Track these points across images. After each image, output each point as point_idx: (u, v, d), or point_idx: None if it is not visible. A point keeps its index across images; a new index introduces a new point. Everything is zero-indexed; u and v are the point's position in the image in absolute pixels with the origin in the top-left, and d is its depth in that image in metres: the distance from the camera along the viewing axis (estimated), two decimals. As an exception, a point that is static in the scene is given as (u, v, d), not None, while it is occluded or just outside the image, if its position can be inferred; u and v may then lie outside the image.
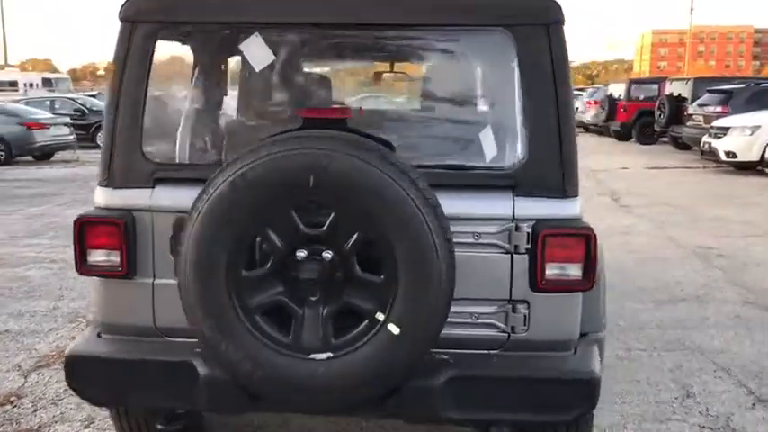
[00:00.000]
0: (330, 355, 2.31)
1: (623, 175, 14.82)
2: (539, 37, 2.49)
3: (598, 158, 17.38)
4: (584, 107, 27.15)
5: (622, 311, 5.55)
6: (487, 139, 2.66)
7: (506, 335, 2.58)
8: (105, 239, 2.60)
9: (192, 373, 2.49)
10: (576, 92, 36.84)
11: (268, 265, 2.33)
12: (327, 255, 2.29)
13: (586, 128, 26.97)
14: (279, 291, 2.34)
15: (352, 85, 3.00)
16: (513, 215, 2.51)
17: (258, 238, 2.35)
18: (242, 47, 2.64)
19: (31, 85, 37.83)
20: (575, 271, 2.52)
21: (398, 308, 2.27)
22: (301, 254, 2.29)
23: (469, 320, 2.57)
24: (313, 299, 2.33)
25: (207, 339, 2.34)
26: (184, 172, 2.65)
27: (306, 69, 3.05)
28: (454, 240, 2.42)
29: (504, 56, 2.56)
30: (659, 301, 5.91)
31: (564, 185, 2.54)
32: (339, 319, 2.35)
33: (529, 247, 2.50)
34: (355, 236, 2.29)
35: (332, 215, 2.28)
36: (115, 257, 2.60)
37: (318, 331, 2.33)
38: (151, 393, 2.59)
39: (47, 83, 39.06)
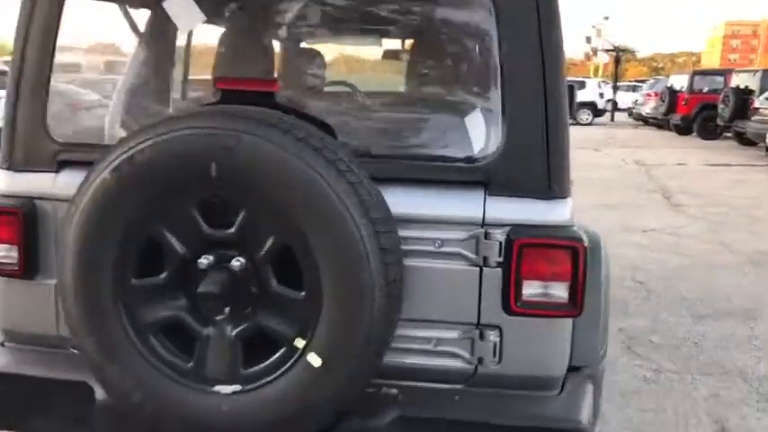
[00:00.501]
0: (238, 388, 1.85)
1: (679, 171, 13.90)
2: (523, 3, 1.97)
3: (654, 152, 16.48)
4: (644, 99, 25.99)
5: (656, 325, 4.94)
6: (455, 125, 2.14)
7: (472, 367, 2.07)
8: (2, 232, 2.19)
9: (89, 396, 2.07)
10: (636, 83, 35.69)
11: (164, 274, 1.88)
12: (236, 263, 1.83)
13: (645, 120, 25.82)
14: (178, 305, 1.89)
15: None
16: (484, 218, 2.00)
17: (153, 239, 1.89)
18: (165, 4, 2.18)
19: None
20: (559, 292, 1.99)
21: (321, 333, 1.79)
22: (204, 261, 1.83)
23: (428, 347, 2.07)
24: (219, 317, 1.87)
25: (90, 360, 1.91)
26: (95, 154, 2.21)
27: (252, 37, 2.57)
28: (411, 248, 1.94)
29: (481, 25, 2.04)
30: (701, 314, 5.25)
31: (549, 183, 2.01)
32: (251, 345, 1.89)
33: (501, 259, 1.99)
34: (270, 241, 1.82)
35: (241, 214, 1.81)
36: (13, 254, 2.20)
37: (225, 358, 1.87)
38: (45, 418, 2.18)
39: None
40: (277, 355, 1.85)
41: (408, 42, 2.41)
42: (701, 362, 4.35)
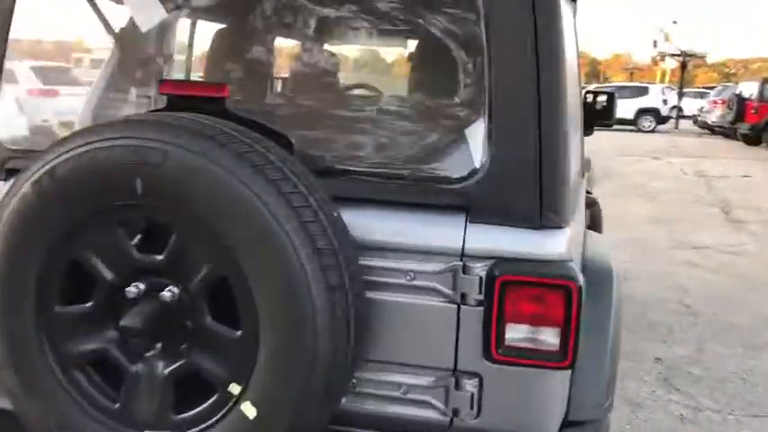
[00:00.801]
0: None
1: (743, 184, 13.15)
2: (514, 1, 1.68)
3: (717, 163, 15.69)
4: (710, 106, 24.91)
5: (700, 355, 4.52)
6: (434, 141, 1.87)
7: (447, 419, 1.79)
8: None
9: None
10: (705, 90, 34.12)
11: (91, 302, 1.66)
12: (168, 294, 1.59)
13: (711, 129, 24.72)
14: (106, 338, 1.67)
15: (273, 63, 2.23)
16: (463, 249, 1.71)
17: (78, 262, 1.67)
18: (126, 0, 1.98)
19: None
20: (549, 338, 1.70)
21: (257, 379, 1.54)
22: (133, 290, 1.60)
23: (397, 394, 1.80)
24: (149, 354, 1.65)
25: (9, 392, 1.71)
26: None
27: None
28: (379, 279, 1.69)
29: (467, 28, 1.77)
30: (753, 345, 4.79)
31: (541, 210, 1.71)
32: (186, 386, 1.65)
33: (482, 297, 1.70)
34: (204, 270, 1.58)
35: (172, 238, 1.58)
36: None
37: (154, 400, 1.64)
38: None
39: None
40: (210, 401, 1.61)
41: (388, 49, 2.14)
42: (748, 401, 3.93)
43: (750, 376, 4.26)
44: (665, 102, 26.49)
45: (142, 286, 1.61)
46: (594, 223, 5.46)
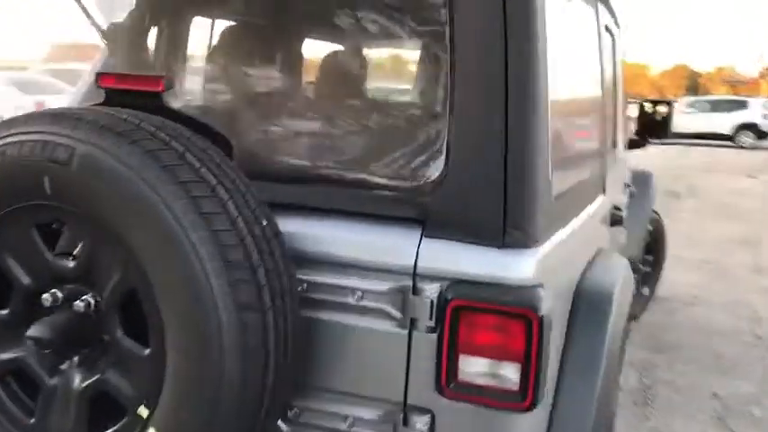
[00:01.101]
0: None
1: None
2: None
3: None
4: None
5: (764, 394, 4.09)
6: (389, 144, 1.67)
7: None
8: None
9: None
10: None
11: (7, 309, 1.55)
12: (80, 304, 1.47)
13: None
14: (22, 347, 1.55)
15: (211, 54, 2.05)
16: (415, 267, 1.51)
17: None
18: None
19: None
20: (508, 374, 1.47)
21: (163, 402, 1.39)
22: (48, 297, 1.48)
23: (342, 427, 1.61)
24: (63, 367, 1.52)
25: None
26: None
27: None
28: (323, 297, 1.52)
29: (431, 20, 1.57)
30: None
31: (505, 226, 1.49)
32: (102, 404, 1.52)
33: (433, 324, 1.49)
34: (115, 278, 1.44)
35: (83, 242, 1.45)
36: None
37: (68, 417, 1.51)
38: None
39: None
40: (120, 423, 1.46)
41: (345, 46, 1.95)
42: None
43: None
44: (765, 116, 24.94)
45: (59, 294, 1.49)
46: (656, 242, 5.08)
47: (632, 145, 3.98)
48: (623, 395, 3.90)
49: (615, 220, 2.55)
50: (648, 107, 3.85)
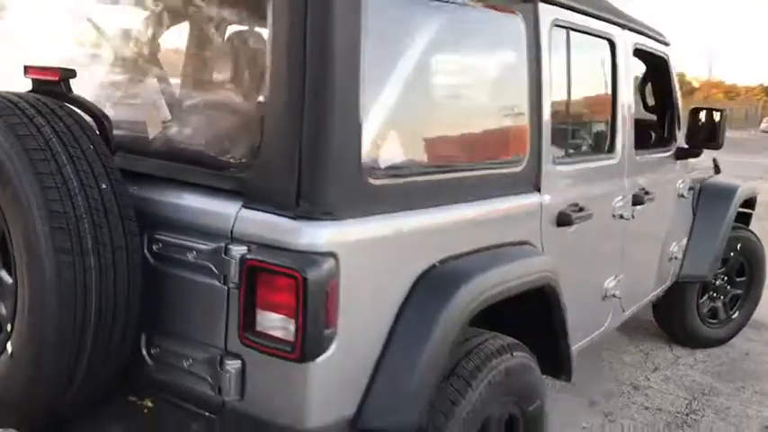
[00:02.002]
0: None
1: None
2: None
3: None
4: None
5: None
6: (221, 126, 1.92)
7: (221, 399, 1.83)
8: None
9: None
10: None
11: None
12: None
13: None
14: None
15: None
16: (232, 232, 1.77)
17: None
18: None
19: None
20: (288, 328, 1.67)
21: (18, 323, 1.76)
22: None
23: (184, 365, 1.89)
24: None
25: None
26: None
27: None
28: (170, 255, 1.85)
29: (255, 9, 1.80)
30: None
31: (298, 198, 1.69)
32: None
33: (237, 281, 1.74)
34: None
35: None
36: None
37: None
38: None
39: None
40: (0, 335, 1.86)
41: (180, 27, 2.17)
42: None
43: None
44: None
45: None
46: (749, 264, 4.72)
47: (683, 154, 3.83)
48: (662, 415, 3.75)
49: (564, 221, 2.58)
50: (701, 115, 3.68)
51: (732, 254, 4.66)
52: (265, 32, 1.78)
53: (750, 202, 5.00)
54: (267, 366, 1.74)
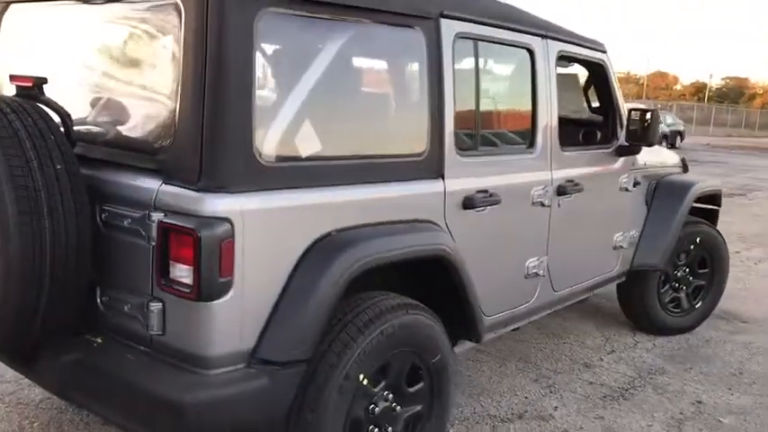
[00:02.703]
0: None
1: None
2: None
3: None
4: None
5: None
6: (150, 118, 2.42)
7: (149, 334, 2.33)
8: None
9: None
10: None
11: None
12: None
13: None
14: None
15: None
16: (154, 202, 2.27)
17: None
18: None
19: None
20: (189, 275, 2.17)
21: None
22: None
23: (125, 309, 2.40)
24: None
25: None
26: None
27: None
28: (114, 222, 2.38)
29: (172, 15, 2.28)
30: None
31: (200, 175, 2.20)
32: None
33: (156, 240, 2.25)
34: None
35: None
36: None
37: None
38: None
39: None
40: None
41: (121, 46, 2.69)
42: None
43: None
44: None
45: None
46: (711, 257, 5.01)
47: (625, 151, 4.19)
48: (603, 389, 4.10)
49: (469, 205, 3.01)
50: (636, 115, 4.04)
51: (692, 247, 4.96)
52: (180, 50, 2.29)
53: (714, 199, 5.29)
54: (179, 307, 2.24)
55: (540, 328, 5.01)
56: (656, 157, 4.93)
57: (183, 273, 2.19)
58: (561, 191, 3.59)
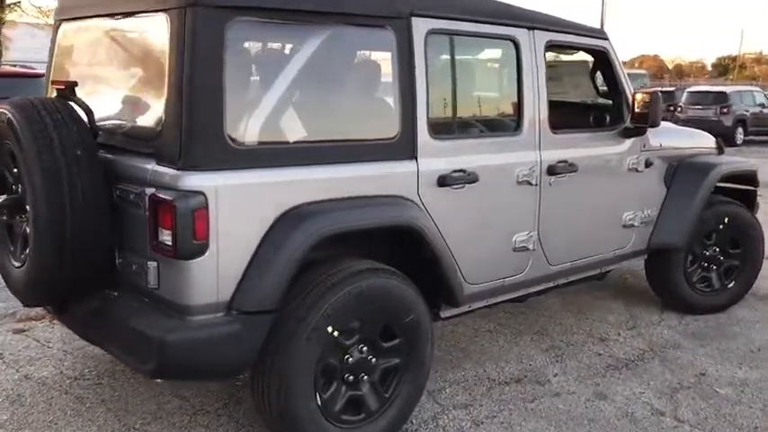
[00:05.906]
0: (18, 264, 3.10)
1: None
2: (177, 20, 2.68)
3: None
4: None
5: None
6: (147, 111, 2.94)
7: (149, 288, 2.86)
8: None
9: None
10: None
11: None
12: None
13: None
14: None
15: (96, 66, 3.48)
16: (148, 179, 2.79)
17: None
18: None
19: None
20: (169, 238, 2.66)
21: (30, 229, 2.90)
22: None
23: (133, 268, 2.94)
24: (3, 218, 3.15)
25: None
26: None
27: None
28: (124, 197, 2.91)
29: (162, 32, 2.78)
30: None
31: (179, 157, 2.69)
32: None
33: (149, 210, 2.76)
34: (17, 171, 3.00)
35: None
36: None
37: (16, 248, 3.13)
38: None
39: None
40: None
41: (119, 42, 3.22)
42: None
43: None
44: None
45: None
46: (743, 237, 5.04)
47: (631, 133, 4.36)
48: (609, 360, 4.29)
49: (444, 183, 3.36)
50: (640, 97, 4.20)
51: (720, 227, 5.01)
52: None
53: (750, 180, 5.28)
54: (169, 265, 2.74)
55: (566, 304, 5.23)
56: (683, 138, 5.02)
57: (166, 237, 2.68)
58: (552, 170, 3.84)
